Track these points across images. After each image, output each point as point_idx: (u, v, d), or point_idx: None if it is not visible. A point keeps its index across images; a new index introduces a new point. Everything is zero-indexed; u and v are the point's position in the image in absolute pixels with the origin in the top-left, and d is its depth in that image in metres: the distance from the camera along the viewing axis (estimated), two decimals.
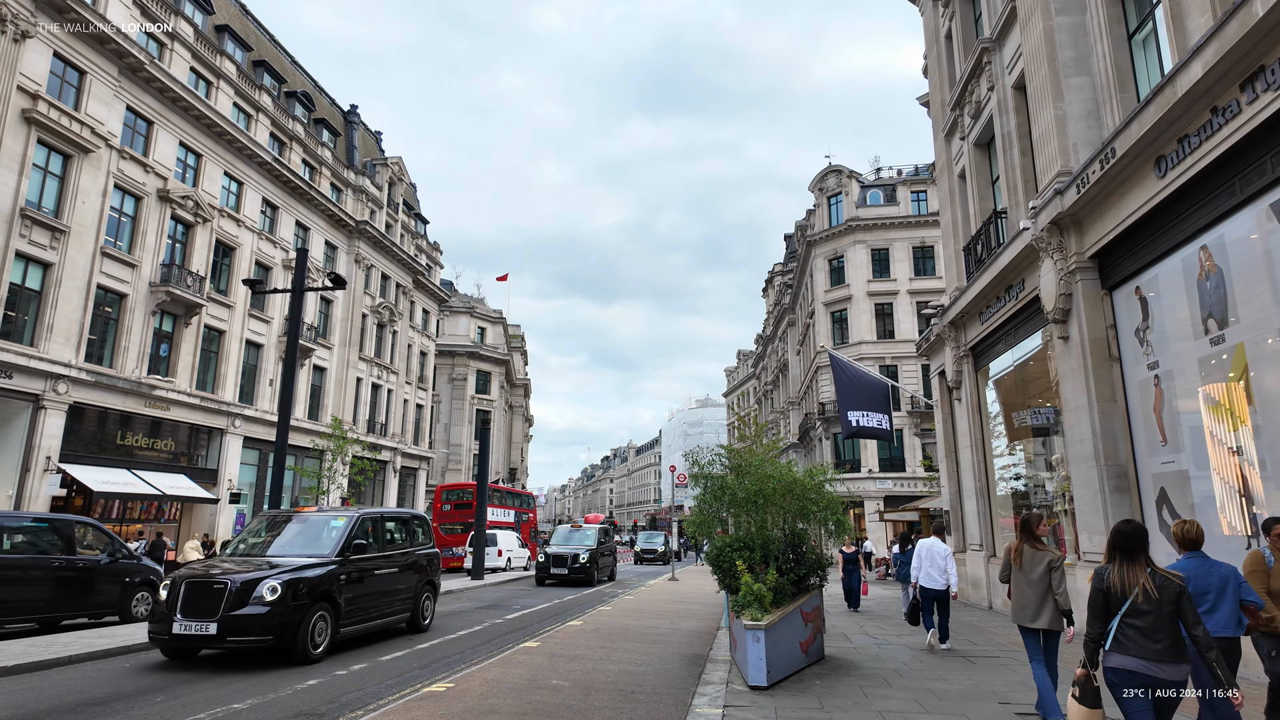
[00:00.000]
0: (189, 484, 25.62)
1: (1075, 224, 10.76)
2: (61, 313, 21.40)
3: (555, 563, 21.74)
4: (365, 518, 10.43)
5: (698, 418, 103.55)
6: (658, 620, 12.73)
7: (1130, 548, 4.00)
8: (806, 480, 8.79)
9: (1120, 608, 3.90)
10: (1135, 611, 3.85)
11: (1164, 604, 3.80)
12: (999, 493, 15.34)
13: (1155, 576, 3.88)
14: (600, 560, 22.66)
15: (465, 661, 8.64)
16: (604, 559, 23.59)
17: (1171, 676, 3.76)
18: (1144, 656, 3.78)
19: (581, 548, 22.32)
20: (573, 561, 21.54)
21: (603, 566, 23.29)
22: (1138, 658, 3.79)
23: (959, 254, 16.67)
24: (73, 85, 22.28)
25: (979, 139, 15.36)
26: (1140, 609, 3.83)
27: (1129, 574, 3.92)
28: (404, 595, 10.95)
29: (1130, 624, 3.85)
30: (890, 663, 8.71)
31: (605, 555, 24.07)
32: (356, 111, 42.00)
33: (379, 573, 10.23)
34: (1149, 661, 3.77)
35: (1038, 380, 13.97)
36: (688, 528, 10.77)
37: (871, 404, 17.25)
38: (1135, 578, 3.90)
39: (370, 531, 10.41)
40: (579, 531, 24.57)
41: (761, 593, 7.50)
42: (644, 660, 8.61)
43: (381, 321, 39.61)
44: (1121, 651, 3.85)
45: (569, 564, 21.52)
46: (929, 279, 38.53)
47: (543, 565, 22.06)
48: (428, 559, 11.92)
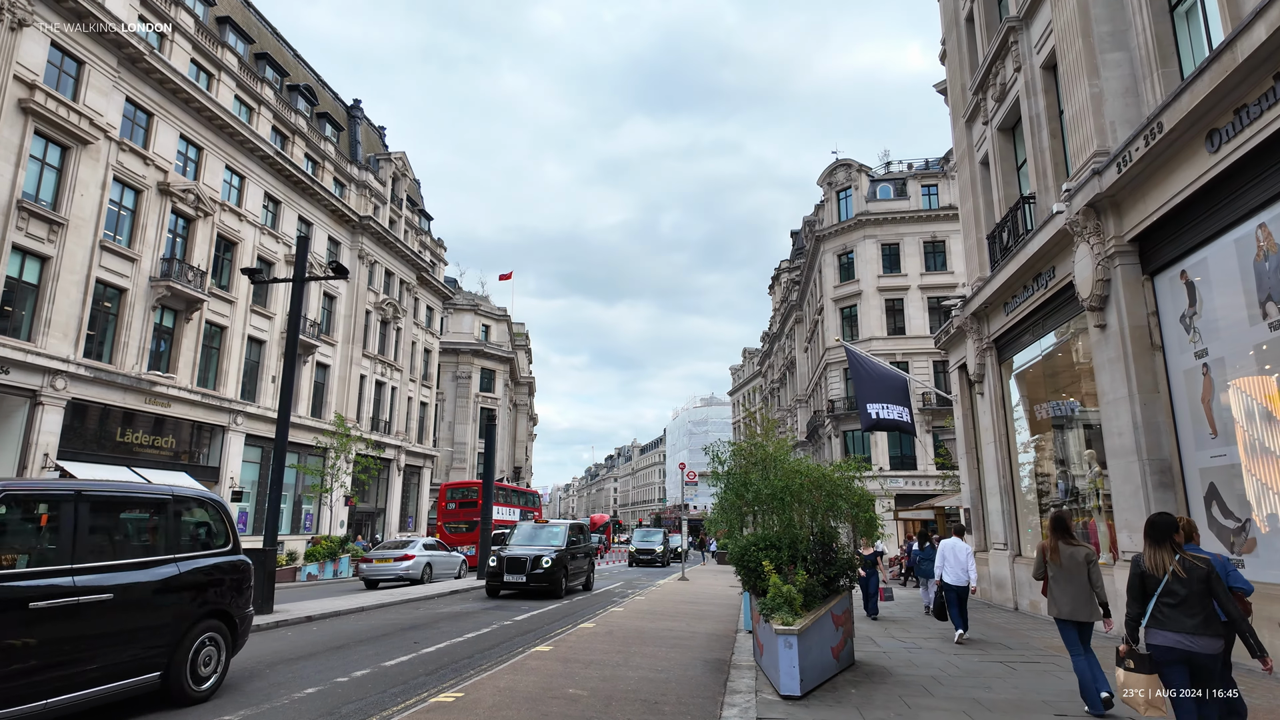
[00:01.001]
0: (190, 482, 25.08)
1: (1114, 206, 10.22)
2: (59, 307, 20.98)
3: (511, 568, 16.89)
4: None
5: (703, 416, 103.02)
6: (673, 623, 12.23)
7: (1158, 535, 4.46)
8: (835, 474, 8.27)
9: (1156, 589, 4.32)
10: (1168, 591, 4.27)
11: (1194, 583, 4.20)
12: (1024, 490, 14.80)
13: (1183, 560, 4.29)
14: (571, 565, 18.15)
15: (475, 667, 8.14)
16: (576, 563, 18.81)
17: (1205, 649, 4.14)
18: (1179, 631, 4.18)
19: (547, 548, 17.59)
20: (533, 567, 16.80)
21: (574, 573, 18.64)
22: (1173, 632, 4.20)
23: (980, 243, 16.14)
24: (71, 76, 21.85)
25: (1003, 123, 14.81)
26: (1172, 588, 4.25)
27: (1159, 558, 4.37)
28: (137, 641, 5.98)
29: (1165, 603, 4.27)
30: (925, 668, 8.20)
31: (578, 558, 19.11)
32: (360, 106, 41.57)
33: None
34: (1184, 635, 4.17)
35: (1065, 372, 13.44)
36: (708, 526, 10.26)
37: (891, 396, 16.74)
38: (1165, 561, 4.34)
39: None
40: (545, 529, 19.46)
41: (791, 595, 7.00)
42: (664, 666, 8.11)
43: (385, 318, 39.17)
44: (1158, 627, 4.27)
45: (528, 569, 16.76)
46: (941, 274, 37.94)
47: (494, 572, 17.01)
48: (207, 576, 6.72)
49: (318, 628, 11.52)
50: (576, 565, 18.97)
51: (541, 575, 16.86)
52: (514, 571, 16.88)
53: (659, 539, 39.66)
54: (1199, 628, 4.13)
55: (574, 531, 19.67)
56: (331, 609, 13.21)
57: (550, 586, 16.97)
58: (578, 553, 19.30)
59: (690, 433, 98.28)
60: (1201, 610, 4.16)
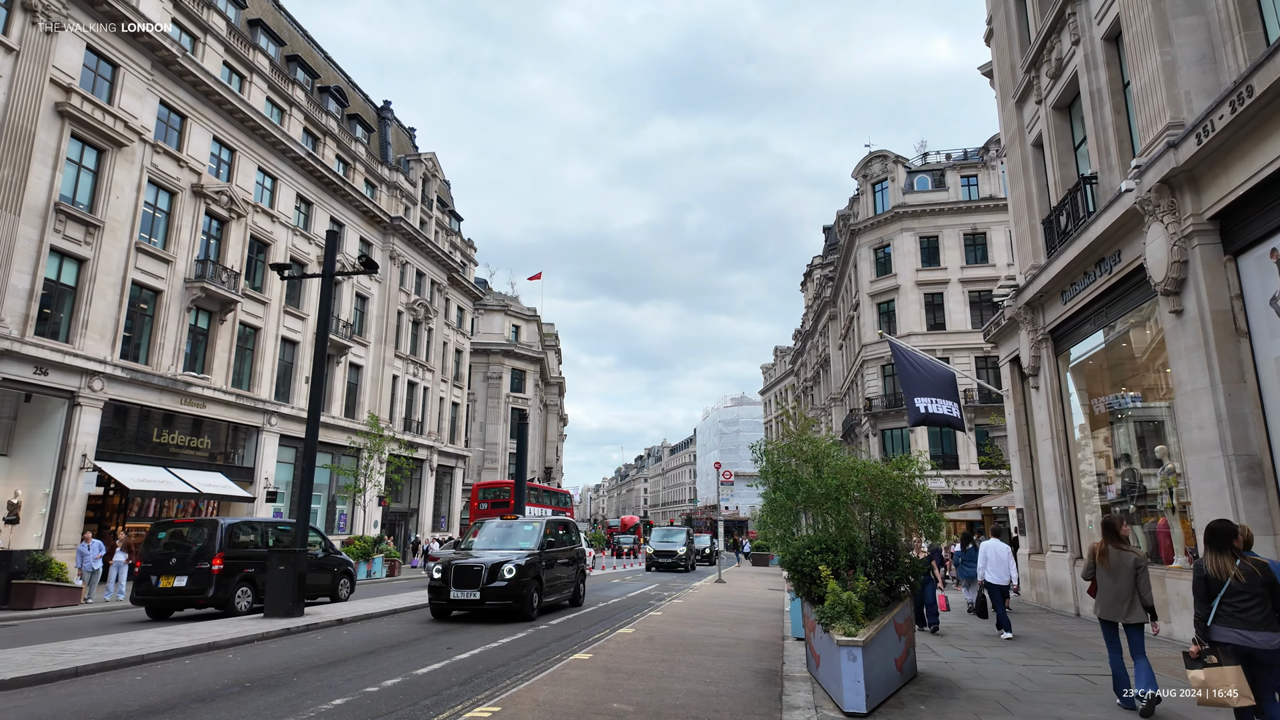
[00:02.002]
0: (225, 482, 25.29)
1: (1191, 182, 9.45)
2: (96, 309, 21.11)
3: (461, 579, 12.48)
4: None
5: (734, 416, 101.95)
6: (715, 628, 11.70)
7: (1219, 542, 4.81)
8: (895, 472, 7.68)
9: (1219, 590, 4.67)
10: (1232, 592, 4.62)
11: (1255, 585, 4.56)
12: (1085, 489, 13.98)
13: (1243, 565, 4.66)
14: (547, 575, 13.69)
15: (510, 676, 7.70)
16: (555, 571, 14.20)
17: (1265, 644, 4.47)
18: (1241, 628, 4.54)
19: (514, 552, 13.15)
20: (490, 578, 12.37)
21: (553, 584, 14.05)
22: (1236, 629, 4.56)
23: (1034, 229, 15.33)
24: (105, 79, 22.01)
25: (1059, 100, 14.01)
26: (1235, 590, 4.60)
27: (1220, 562, 4.72)
28: None
29: (1228, 604, 4.61)
30: (995, 681, 7.57)
31: (558, 565, 14.47)
32: (390, 108, 41.66)
33: None
34: (1246, 631, 4.52)
35: (1131, 363, 12.63)
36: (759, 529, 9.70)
37: (939, 391, 15.98)
38: (1227, 566, 4.69)
39: None
40: (516, 527, 14.79)
41: (852, 603, 6.44)
42: (712, 678, 7.59)
43: (417, 319, 39.18)
44: (1222, 624, 4.63)
45: (483, 581, 12.35)
46: (982, 267, 36.81)
47: (438, 586, 12.71)
48: None
49: (349, 632, 11.22)
50: (556, 575, 14.30)
51: (503, 590, 12.32)
52: (464, 585, 12.33)
53: (682, 539, 34.34)
54: (1260, 624, 4.50)
55: (554, 530, 14.89)
56: (364, 611, 12.95)
57: (515, 605, 12.44)
58: (558, 557, 14.54)
59: (721, 433, 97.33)
60: (1261, 610, 4.52)
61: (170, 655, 8.78)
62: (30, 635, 10.98)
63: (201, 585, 12.77)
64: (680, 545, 33.21)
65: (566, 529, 16.16)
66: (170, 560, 13.35)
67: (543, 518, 15.47)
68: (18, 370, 18.62)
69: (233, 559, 13.25)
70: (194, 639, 9.47)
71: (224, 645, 9.45)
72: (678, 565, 32.34)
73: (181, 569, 13.00)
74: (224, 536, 13.32)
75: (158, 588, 13.04)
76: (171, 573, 13.06)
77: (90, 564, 17.18)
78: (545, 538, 14.07)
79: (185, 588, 12.82)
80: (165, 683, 7.41)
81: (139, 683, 7.39)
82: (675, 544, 33.27)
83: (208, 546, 13.16)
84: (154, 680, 7.53)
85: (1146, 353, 11.91)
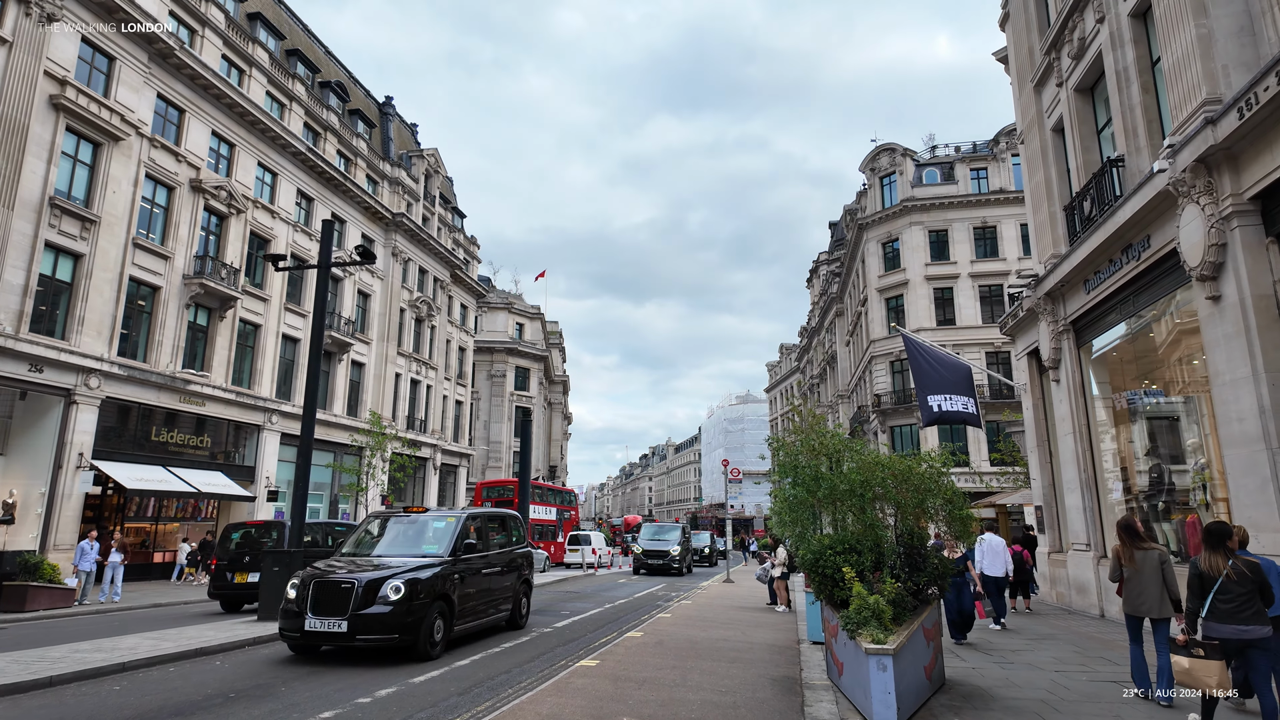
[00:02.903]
0: (226, 481, 24.91)
1: (1230, 160, 8.95)
2: (93, 305, 20.74)
3: (323, 602, 8.68)
4: None
5: (738, 414, 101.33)
6: (726, 631, 11.24)
7: (1214, 542, 5.16)
8: (921, 467, 7.20)
9: (1212, 587, 5.00)
10: (1224, 589, 4.95)
11: (1246, 583, 4.89)
12: (1109, 485, 13.47)
13: (1235, 564, 4.98)
14: (463, 591, 9.80)
15: (512, 685, 7.26)
16: (475, 585, 10.14)
17: (1259, 636, 4.84)
18: (1235, 622, 4.88)
19: (410, 560, 9.40)
20: (364, 600, 8.65)
21: (472, 606, 10.06)
22: (1230, 624, 4.89)
23: (1054, 217, 14.82)
24: (102, 72, 21.62)
25: (1081, 83, 13.50)
26: (1227, 587, 4.94)
27: (1214, 561, 5.04)
28: None
29: (1221, 599, 4.94)
30: (1029, 689, 7.09)
31: (480, 576, 10.36)
32: (392, 103, 41.27)
33: None
34: (1239, 625, 4.88)
35: (1159, 353, 12.14)
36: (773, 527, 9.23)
37: (954, 387, 15.48)
38: (1220, 564, 5.02)
39: None
40: (421, 525, 10.65)
41: (880, 607, 5.97)
42: (727, 686, 7.13)
43: (419, 316, 38.79)
44: (1217, 621, 4.95)
45: (352, 607, 8.60)
46: (992, 261, 36.24)
47: (292, 610, 8.83)
48: None
49: None
50: (480, 591, 10.20)
51: (384, 619, 8.44)
52: (327, 610, 8.51)
53: (675, 537, 29.37)
54: (1251, 619, 4.87)
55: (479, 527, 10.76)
56: None
57: (404, 640, 8.58)
58: (483, 566, 10.43)
59: (726, 431, 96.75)
60: (1251, 605, 4.88)
61: (155, 662, 8.35)
62: (14, 640, 10.58)
63: None
64: (673, 544, 28.25)
65: (501, 525, 12.06)
66: (244, 558, 14.79)
67: (463, 510, 10.83)
68: (12, 368, 18.25)
69: None
70: (181, 644, 9.05)
71: (213, 651, 9.03)
72: (670, 568, 27.44)
73: (255, 566, 14.14)
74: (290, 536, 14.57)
75: (233, 583, 14.55)
76: (245, 569, 14.56)
77: (86, 564, 16.80)
78: (461, 538, 9.94)
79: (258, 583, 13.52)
80: (144, 693, 6.99)
81: (115, 693, 6.96)
82: (668, 543, 28.37)
83: (276, 545, 14.55)
84: (133, 690, 7.11)
85: (1177, 342, 11.41)
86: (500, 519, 12.41)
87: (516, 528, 12.82)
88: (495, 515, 12.33)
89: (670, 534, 29.91)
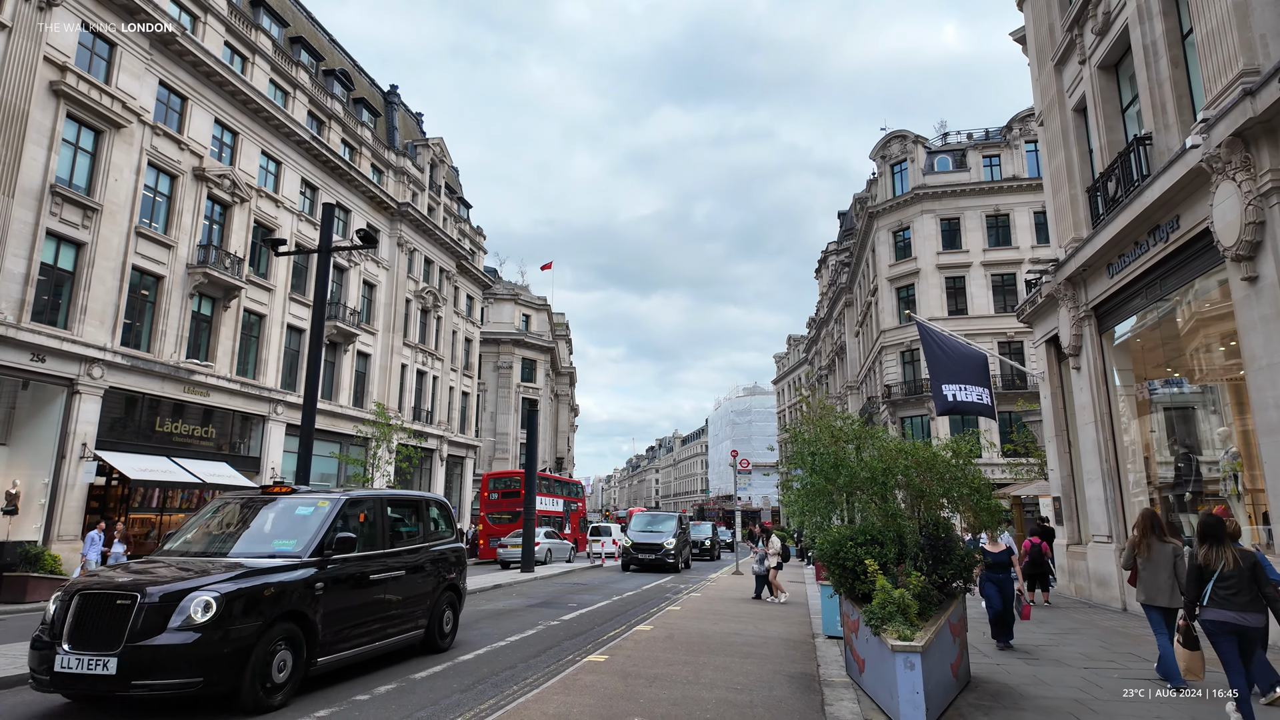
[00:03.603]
0: (231, 472, 24.73)
1: (1269, 134, 8.52)
2: (95, 294, 20.53)
3: (83, 628, 5.71)
4: None
5: (746, 406, 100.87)
6: (738, 625, 10.93)
7: (1213, 535, 5.42)
8: (945, 454, 6.85)
9: (1211, 577, 5.26)
10: (1223, 578, 5.23)
11: (1244, 571, 5.20)
12: (1131, 475, 13.08)
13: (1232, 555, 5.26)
14: (333, 605, 6.98)
15: (518, 681, 6.97)
16: (359, 597, 7.39)
17: (1253, 623, 5.13)
18: (1234, 609, 5.16)
19: (248, 561, 6.55)
20: (148, 624, 5.66)
21: (352, 626, 7.25)
22: (1229, 610, 5.16)
23: (1074, 200, 14.38)
24: (102, 58, 21.34)
25: (1105, 59, 13.03)
26: (1226, 576, 5.22)
27: (1213, 553, 5.31)
28: None
29: (1220, 588, 5.22)
30: (1059, 688, 6.76)
31: (370, 586, 7.56)
32: (397, 92, 40.93)
33: None
34: (1238, 612, 5.15)
35: (1187, 338, 11.72)
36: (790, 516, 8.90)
37: (969, 376, 15.11)
38: (1219, 555, 5.29)
39: None
40: (271, 514, 7.59)
41: (905, 602, 5.64)
42: (743, 683, 6.82)
43: (425, 307, 38.53)
44: (1216, 607, 5.20)
45: (126, 636, 5.62)
46: (1005, 249, 35.70)
47: (42, 641, 5.82)
48: None
49: None
50: (356, 607, 7.37)
51: (180, 653, 5.66)
52: (92, 641, 5.70)
53: (670, 528, 25.52)
54: (1247, 606, 5.13)
55: (374, 515, 8.12)
56: None
57: (216, 683, 5.81)
58: (373, 570, 7.71)
59: (733, 423, 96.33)
60: (1248, 594, 5.14)
61: None
62: (8, 632, 10.37)
63: None
64: (668, 537, 24.53)
65: (415, 513, 9.15)
66: None
67: (343, 492, 8.04)
68: (14, 357, 18.05)
69: None
70: None
71: None
72: (664, 563, 23.91)
73: None
74: None
75: None
76: None
77: (94, 554, 16.64)
78: (332, 533, 7.14)
79: None
80: None
81: None
82: (662, 535, 24.72)
83: None
84: None
85: (1206, 327, 11.00)
86: (413, 504, 9.27)
87: (440, 517, 9.71)
88: (403, 500, 9.19)
89: (665, 525, 26.11)
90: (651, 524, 26.44)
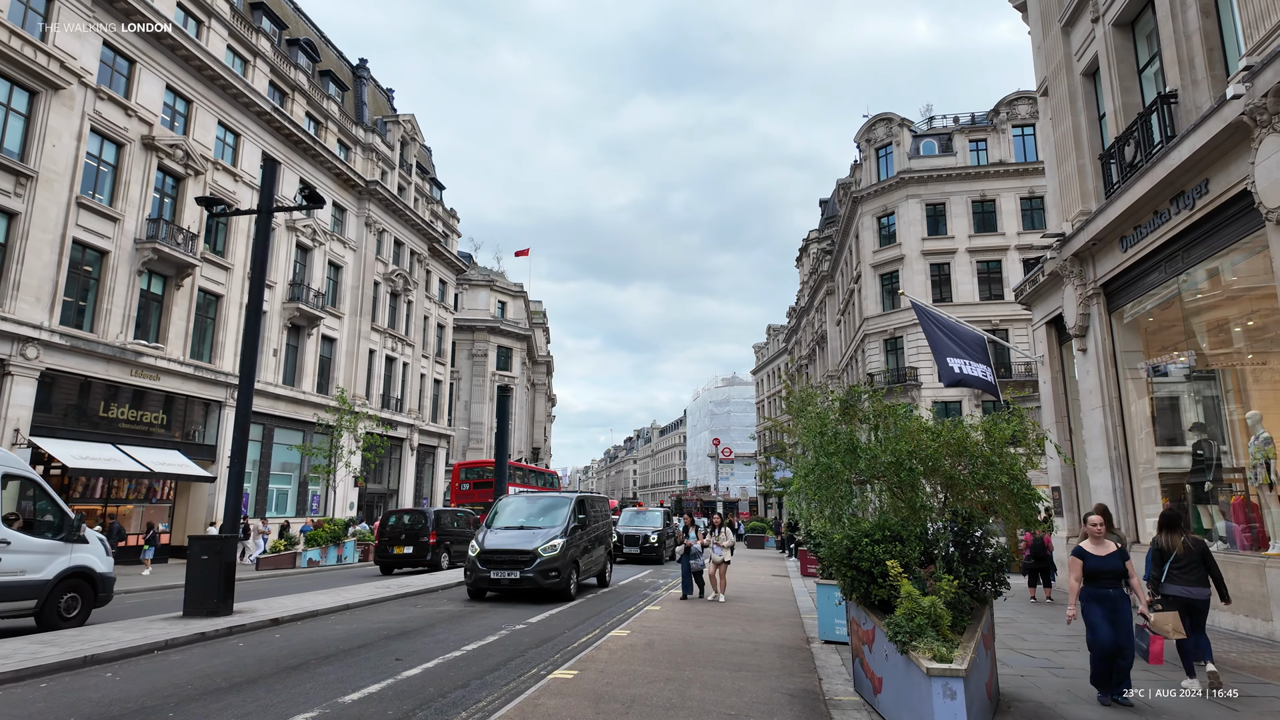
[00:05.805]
0: (184, 460, 23.30)
1: None
2: (30, 268, 18.99)
3: None
4: None
5: (724, 396, 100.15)
6: (725, 627, 9.90)
7: (1172, 525, 6.57)
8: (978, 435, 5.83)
9: (1168, 559, 6.47)
10: (1178, 561, 6.41)
11: (1194, 556, 6.40)
12: (1142, 464, 12.24)
13: (1187, 541, 6.46)
14: None
15: (466, 706, 5.86)
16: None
17: (1200, 596, 6.33)
18: (1185, 585, 6.36)
19: None
20: None
21: None
22: (1183, 586, 6.36)
23: (1082, 170, 13.47)
24: (38, 13, 19.72)
25: (1121, 16, 12.09)
26: (1181, 559, 6.40)
27: (1172, 540, 6.47)
28: None
29: (1176, 568, 6.41)
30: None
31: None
32: (366, 66, 39.24)
33: None
34: (1189, 587, 6.35)
35: (1204, 316, 10.86)
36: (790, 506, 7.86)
37: (971, 353, 14.22)
38: (1176, 541, 6.45)
39: None
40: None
41: (938, 611, 4.62)
42: (736, 706, 5.76)
43: (395, 290, 37.04)
44: (1172, 583, 6.41)
45: None
46: (991, 235, 35.02)
47: None
48: None
49: (281, 635, 9.27)
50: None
51: None
52: None
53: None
54: (1196, 583, 6.30)
55: None
56: (309, 607, 11.04)
57: None
58: None
59: (712, 413, 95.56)
60: (1196, 573, 6.32)
61: (25, 676, 6.77)
62: None
63: (422, 552, 19.48)
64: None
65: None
66: (401, 536, 19.80)
67: None
68: None
69: (441, 535, 20.01)
70: (70, 652, 7.44)
71: (107, 659, 7.41)
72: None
73: (409, 541, 19.60)
74: (434, 519, 20.14)
75: (393, 554, 19.60)
76: (402, 544, 19.61)
77: None
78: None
79: (411, 554, 19.53)
80: None
81: None
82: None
83: (425, 526, 19.80)
84: None
85: (1234, 302, 10.13)
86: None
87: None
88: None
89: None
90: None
